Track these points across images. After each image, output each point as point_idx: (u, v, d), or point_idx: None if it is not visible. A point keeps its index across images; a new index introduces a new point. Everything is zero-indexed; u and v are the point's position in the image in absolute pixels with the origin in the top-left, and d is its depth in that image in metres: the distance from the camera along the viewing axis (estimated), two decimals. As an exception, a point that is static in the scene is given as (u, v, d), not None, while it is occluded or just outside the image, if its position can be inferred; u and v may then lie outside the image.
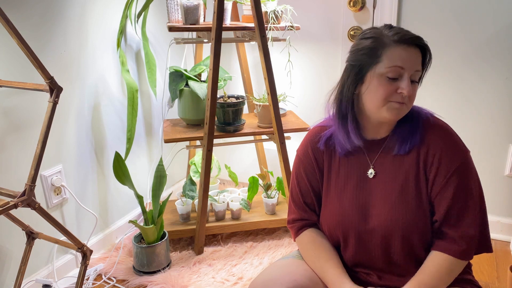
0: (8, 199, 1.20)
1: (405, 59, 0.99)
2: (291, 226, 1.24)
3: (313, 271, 1.13)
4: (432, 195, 1.06)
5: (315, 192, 1.19)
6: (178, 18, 1.85)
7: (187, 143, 2.16)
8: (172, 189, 2.47)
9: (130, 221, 1.79)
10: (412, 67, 1.00)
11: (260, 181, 2.21)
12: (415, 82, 1.02)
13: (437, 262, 1.04)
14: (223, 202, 2.05)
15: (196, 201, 2.06)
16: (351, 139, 1.08)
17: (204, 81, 2.01)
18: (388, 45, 1.00)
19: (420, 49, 1.02)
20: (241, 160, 2.62)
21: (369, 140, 1.12)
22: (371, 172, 1.11)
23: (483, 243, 1.09)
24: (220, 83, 2.00)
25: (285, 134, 1.95)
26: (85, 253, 1.51)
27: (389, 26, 1.04)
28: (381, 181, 1.09)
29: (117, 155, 1.73)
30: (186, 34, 2.31)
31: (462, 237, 1.03)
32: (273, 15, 1.82)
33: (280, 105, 1.99)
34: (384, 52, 1.00)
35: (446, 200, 1.04)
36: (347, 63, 1.08)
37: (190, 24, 1.78)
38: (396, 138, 1.08)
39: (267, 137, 2.08)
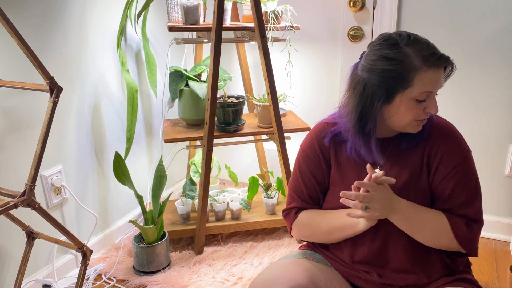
0: (8, 199, 1.20)
1: (435, 82, 1.00)
2: (287, 212, 1.24)
3: (326, 231, 1.15)
4: (433, 187, 1.09)
5: (319, 185, 1.20)
6: (178, 18, 1.85)
7: (187, 143, 2.16)
8: (172, 189, 2.47)
9: (130, 221, 1.79)
10: (439, 87, 1.02)
11: (260, 181, 2.21)
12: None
13: (437, 214, 1.07)
14: (223, 202, 2.05)
15: (196, 201, 2.06)
16: (374, 155, 1.08)
17: (204, 81, 2.01)
18: (419, 69, 0.98)
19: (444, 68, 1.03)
20: (241, 160, 2.62)
21: (379, 138, 1.13)
22: (377, 170, 1.11)
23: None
24: (220, 83, 2.00)
25: (285, 134, 1.95)
26: (85, 253, 1.51)
27: (412, 41, 1.00)
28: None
29: (117, 155, 1.73)
30: (186, 34, 2.31)
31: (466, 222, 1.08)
32: (273, 15, 1.82)
33: (280, 105, 1.99)
34: (416, 78, 0.98)
35: (442, 197, 1.08)
36: (368, 81, 1.02)
37: (190, 24, 1.78)
38: (405, 135, 1.11)
39: (267, 137, 2.08)
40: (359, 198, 1.01)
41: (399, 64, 0.99)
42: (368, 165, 1.03)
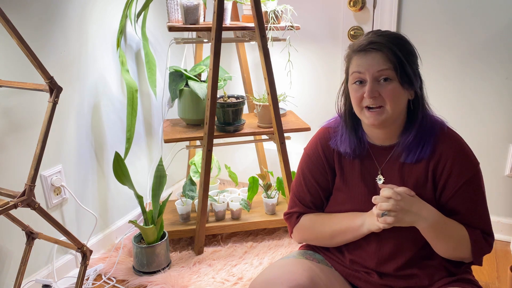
0: (8, 199, 1.20)
1: (361, 64, 1.03)
2: (289, 216, 1.24)
3: (328, 234, 1.16)
4: (442, 202, 1.07)
5: (323, 190, 1.19)
6: (178, 18, 1.85)
7: (187, 143, 2.16)
8: (172, 189, 2.47)
9: (130, 221, 1.79)
10: (371, 69, 1.01)
11: (260, 181, 2.21)
12: (388, 80, 1.01)
13: (460, 228, 1.06)
14: (223, 202, 2.05)
15: (196, 201, 2.06)
16: (343, 148, 1.12)
17: (204, 81, 2.00)
18: (352, 56, 1.06)
19: (382, 52, 1.01)
20: (241, 160, 2.62)
21: (377, 146, 1.12)
22: (379, 178, 1.11)
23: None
24: (220, 83, 2.00)
25: (285, 134, 1.95)
26: (85, 253, 1.50)
27: (367, 33, 1.08)
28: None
29: (117, 155, 1.73)
30: (186, 34, 2.31)
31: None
32: (273, 15, 1.82)
33: (280, 105, 1.99)
34: (350, 63, 1.07)
35: (454, 213, 1.06)
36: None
37: (190, 24, 1.78)
38: (402, 145, 1.08)
39: (267, 137, 2.08)
40: (388, 206, 1.00)
41: (347, 51, 1.09)
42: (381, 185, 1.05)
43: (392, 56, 1.01)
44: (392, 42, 1.02)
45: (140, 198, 1.79)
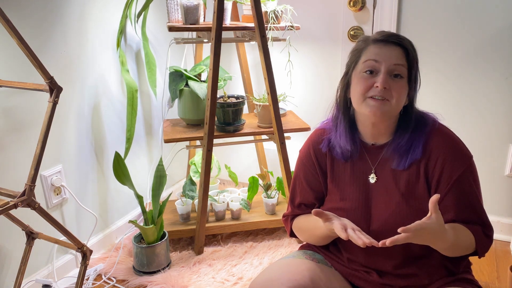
0: (8, 199, 1.20)
1: (379, 53, 1.03)
2: (285, 219, 1.26)
3: (318, 235, 1.14)
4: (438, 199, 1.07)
5: (315, 193, 1.20)
6: (178, 18, 1.85)
7: (187, 143, 2.16)
8: (172, 189, 2.47)
9: (130, 221, 1.79)
10: (389, 61, 1.02)
11: (260, 181, 2.21)
12: (399, 77, 1.03)
13: (466, 233, 1.04)
14: (223, 202, 2.05)
15: (196, 201, 2.06)
16: (342, 142, 1.11)
17: (204, 81, 2.01)
18: (368, 45, 1.06)
19: (402, 47, 1.04)
20: (241, 160, 2.62)
21: (370, 145, 1.13)
22: (372, 176, 1.11)
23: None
24: (220, 83, 2.00)
25: (285, 134, 1.95)
26: (85, 253, 1.50)
27: (380, 31, 1.08)
28: (382, 186, 1.10)
29: (117, 155, 1.73)
30: (186, 34, 2.31)
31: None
32: (273, 15, 1.82)
33: (280, 105, 1.99)
34: (364, 52, 1.06)
35: (451, 209, 1.05)
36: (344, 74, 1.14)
37: (190, 24, 1.78)
38: (394, 147, 1.08)
39: (267, 137, 2.08)
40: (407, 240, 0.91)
41: (357, 45, 1.09)
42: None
43: (408, 55, 1.04)
44: (410, 43, 1.05)
45: (140, 198, 1.79)
